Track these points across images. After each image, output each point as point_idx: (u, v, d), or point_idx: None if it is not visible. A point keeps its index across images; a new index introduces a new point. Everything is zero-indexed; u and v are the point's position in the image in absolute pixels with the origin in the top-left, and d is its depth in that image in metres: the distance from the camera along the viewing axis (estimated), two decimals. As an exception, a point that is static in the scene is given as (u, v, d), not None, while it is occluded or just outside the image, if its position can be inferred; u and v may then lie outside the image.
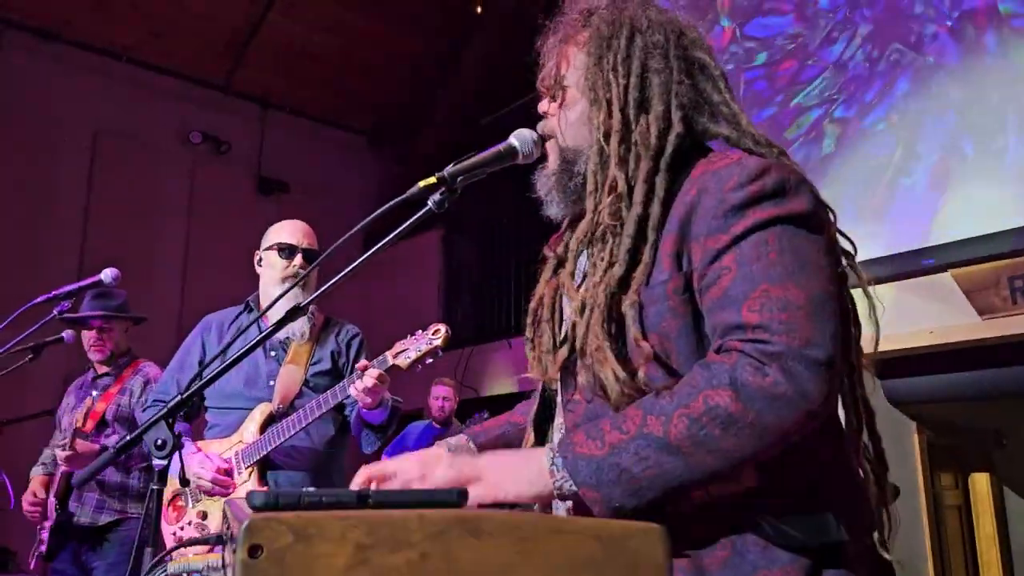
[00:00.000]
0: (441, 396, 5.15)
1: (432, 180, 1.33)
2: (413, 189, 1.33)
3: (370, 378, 2.31)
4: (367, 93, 8.25)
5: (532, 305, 1.33)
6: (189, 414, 2.66)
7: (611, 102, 1.19)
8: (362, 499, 0.65)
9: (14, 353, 2.84)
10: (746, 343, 0.98)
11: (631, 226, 1.13)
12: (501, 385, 6.72)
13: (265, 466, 2.44)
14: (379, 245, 1.32)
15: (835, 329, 0.99)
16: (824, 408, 0.97)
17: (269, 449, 2.39)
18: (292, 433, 2.37)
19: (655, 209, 1.13)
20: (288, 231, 2.66)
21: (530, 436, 1.33)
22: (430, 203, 1.34)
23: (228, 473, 2.43)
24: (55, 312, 2.39)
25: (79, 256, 6.56)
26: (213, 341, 2.63)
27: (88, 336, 3.42)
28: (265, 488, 2.59)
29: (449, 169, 1.33)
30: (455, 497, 0.68)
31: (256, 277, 2.67)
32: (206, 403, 2.60)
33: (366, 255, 1.32)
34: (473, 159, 1.35)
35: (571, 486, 1.00)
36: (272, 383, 2.54)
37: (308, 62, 7.73)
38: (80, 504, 3.20)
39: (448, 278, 7.78)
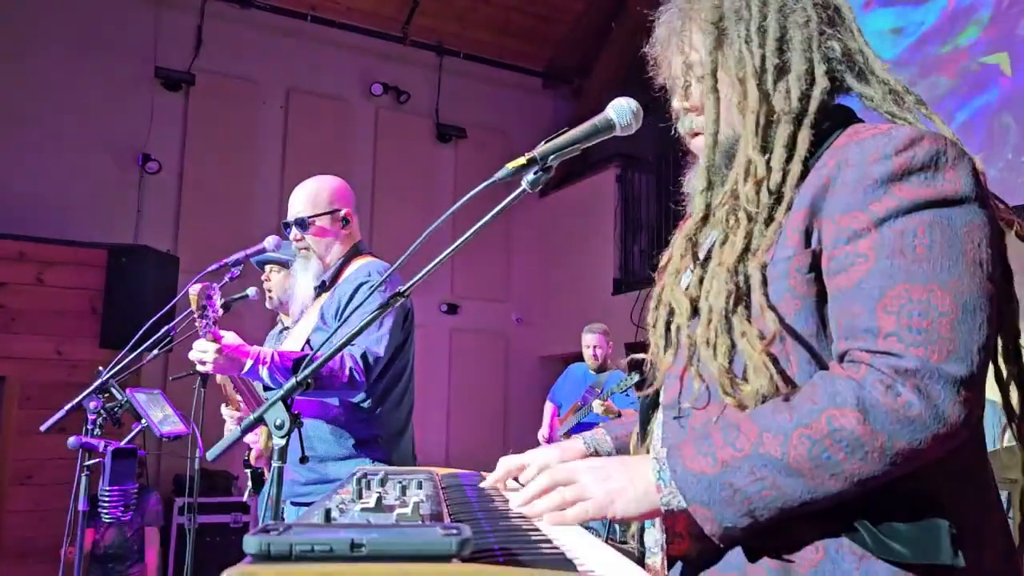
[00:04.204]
0: (592, 345, 5.10)
1: (522, 161, 1.28)
2: (502, 171, 1.28)
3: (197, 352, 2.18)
4: (541, 32, 8.15)
5: (657, 290, 1.22)
6: None
7: (744, 79, 1.07)
8: (355, 547, 0.64)
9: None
10: (876, 355, 0.88)
11: (766, 195, 1.02)
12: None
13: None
14: (470, 232, 1.28)
15: (985, 338, 0.87)
16: (964, 430, 0.86)
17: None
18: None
19: (795, 167, 1.01)
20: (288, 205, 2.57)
21: (635, 429, 1.26)
22: (524, 184, 1.30)
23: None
24: (227, 278, 2.59)
25: (279, 203, 7.11)
26: None
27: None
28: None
29: (541, 148, 1.29)
30: (453, 547, 0.65)
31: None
32: None
33: (457, 243, 1.29)
34: (566, 135, 1.29)
35: (680, 502, 0.94)
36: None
37: (481, 5, 7.74)
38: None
39: (624, 217, 7.64)
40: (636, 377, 4.52)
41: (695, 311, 1.06)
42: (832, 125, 1.04)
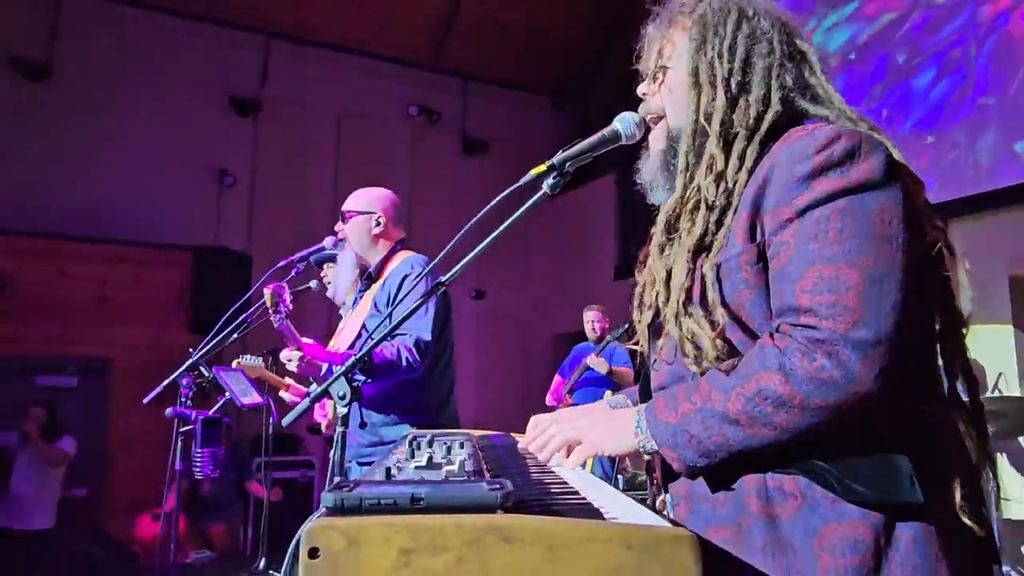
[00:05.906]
0: (592, 319, 5.13)
1: (543, 168, 1.26)
2: (526, 177, 1.27)
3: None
4: (549, 56, 8.07)
5: (638, 288, 1.21)
6: None
7: (714, 85, 1.06)
8: (415, 500, 0.63)
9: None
10: (796, 328, 0.89)
11: (722, 197, 1.02)
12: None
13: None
14: (499, 230, 1.26)
15: (895, 303, 0.86)
16: (878, 386, 0.85)
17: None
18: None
19: (742, 177, 1.01)
20: None
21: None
22: (545, 187, 1.28)
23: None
24: (292, 273, 2.61)
25: (333, 208, 7.11)
26: None
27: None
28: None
29: (559, 156, 1.26)
30: (498, 500, 0.64)
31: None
32: None
33: (489, 239, 1.27)
34: (579, 145, 1.27)
35: (652, 445, 0.99)
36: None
37: (499, 35, 7.68)
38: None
39: (623, 222, 7.53)
40: (622, 330, 4.48)
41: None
42: (775, 137, 1.02)
